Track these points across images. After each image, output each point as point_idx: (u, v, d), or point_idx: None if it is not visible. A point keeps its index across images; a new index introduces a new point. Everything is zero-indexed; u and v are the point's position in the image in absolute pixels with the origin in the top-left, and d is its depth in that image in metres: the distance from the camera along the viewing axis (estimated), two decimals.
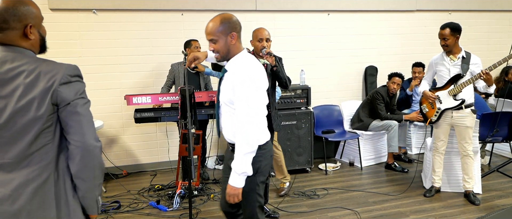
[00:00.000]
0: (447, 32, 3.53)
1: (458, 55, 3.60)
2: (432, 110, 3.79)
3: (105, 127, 4.67)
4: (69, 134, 1.43)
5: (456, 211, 3.52)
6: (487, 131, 4.20)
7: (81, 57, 4.57)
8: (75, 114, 1.43)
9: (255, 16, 5.08)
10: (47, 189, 1.42)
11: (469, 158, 3.69)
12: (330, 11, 5.39)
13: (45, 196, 1.42)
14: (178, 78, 4.44)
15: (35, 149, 1.41)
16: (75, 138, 1.43)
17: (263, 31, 3.18)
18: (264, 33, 3.16)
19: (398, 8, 5.62)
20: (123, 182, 4.54)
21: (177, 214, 3.58)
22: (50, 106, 1.39)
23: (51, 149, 1.44)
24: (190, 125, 2.99)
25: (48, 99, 1.38)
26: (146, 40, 4.77)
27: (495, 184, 4.16)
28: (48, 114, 1.39)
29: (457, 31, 3.55)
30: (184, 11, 4.84)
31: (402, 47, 5.80)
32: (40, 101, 1.37)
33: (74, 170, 1.46)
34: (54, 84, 1.39)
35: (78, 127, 1.43)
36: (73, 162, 1.45)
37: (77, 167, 1.45)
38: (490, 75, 3.41)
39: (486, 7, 6.00)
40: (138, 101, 3.82)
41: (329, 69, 5.50)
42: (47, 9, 4.39)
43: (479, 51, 4.28)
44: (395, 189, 4.10)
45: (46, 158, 1.43)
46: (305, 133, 4.61)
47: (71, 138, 1.43)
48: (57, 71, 1.42)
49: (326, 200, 3.84)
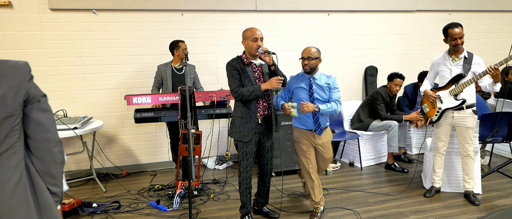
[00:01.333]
0: (462, 31, 3.53)
1: (460, 55, 3.60)
2: (433, 110, 3.79)
3: (105, 127, 4.68)
4: (38, 131, 1.40)
5: (456, 212, 3.51)
6: (487, 131, 4.20)
7: (81, 57, 4.57)
8: (45, 111, 1.42)
9: (255, 16, 5.08)
10: (22, 189, 1.39)
11: (469, 159, 3.69)
12: (330, 11, 5.39)
13: (22, 195, 1.39)
14: (165, 80, 4.45)
15: (4, 149, 1.36)
16: (46, 135, 1.41)
17: (256, 30, 3.07)
18: (258, 32, 3.06)
19: (398, 8, 5.62)
20: (123, 182, 4.54)
21: (177, 214, 3.58)
22: (21, 103, 1.36)
23: (19, 147, 1.40)
24: (190, 125, 2.99)
25: (19, 96, 1.35)
26: (146, 40, 4.77)
27: (495, 185, 4.16)
28: (18, 112, 1.36)
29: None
30: (184, 11, 4.84)
31: (402, 47, 5.80)
32: (12, 98, 1.34)
33: (43, 167, 1.44)
34: (24, 81, 1.36)
35: (48, 124, 1.42)
36: (43, 159, 1.43)
37: (46, 164, 1.43)
38: (499, 71, 3.37)
39: (486, 8, 6.00)
40: (138, 101, 3.83)
41: (329, 69, 5.45)
42: (47, 9, 4.39)
43: (479, 52, 4.27)
44: (395, 189, 4.10)
45: (16, 158, 1.39)
46: None
47: (40, 135, 1.40)
48: (20, 67, 1.38)
49: (326, 200, 3.84)
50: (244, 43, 3.10)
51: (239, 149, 3.15)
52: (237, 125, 3.11)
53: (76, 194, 4.17)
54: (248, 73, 3.07)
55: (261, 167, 3.32)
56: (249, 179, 3.19)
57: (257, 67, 3.13)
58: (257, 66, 3.13)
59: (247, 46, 3.09)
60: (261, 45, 3.04)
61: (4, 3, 4.24)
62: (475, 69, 3.53)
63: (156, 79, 4.53)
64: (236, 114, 3.15)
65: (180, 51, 4.37)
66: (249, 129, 3.08)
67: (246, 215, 3.28)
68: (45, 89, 1.51)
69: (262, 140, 3.21)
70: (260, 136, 3.18)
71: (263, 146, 3.23)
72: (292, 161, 4.62)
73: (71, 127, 3.82)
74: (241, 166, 3.16)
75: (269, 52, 2.99)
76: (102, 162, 4.75)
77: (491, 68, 3.34)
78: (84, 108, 4.65)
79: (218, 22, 4.97)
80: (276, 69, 3.09)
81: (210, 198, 3.95)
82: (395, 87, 4.82)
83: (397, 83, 4.80)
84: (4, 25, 4.30)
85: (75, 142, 4.69)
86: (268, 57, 3.00)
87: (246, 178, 3.17)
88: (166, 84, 4.45)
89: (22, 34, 4.36)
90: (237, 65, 3.06)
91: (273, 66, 3.07)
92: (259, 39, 3.03)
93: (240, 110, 3.11)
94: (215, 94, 3.91)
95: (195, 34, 4.89)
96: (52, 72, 4.47)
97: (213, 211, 3.64)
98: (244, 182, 3.18)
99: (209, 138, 4.61)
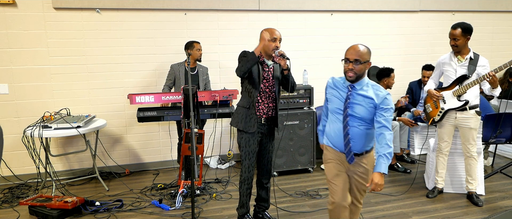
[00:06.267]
0: (458, 33, 3.51)
1: (466, 56, 3.58)
2: (436, 110, 3.78)
3: (108, 126, 4.69)
4: None
5: (458, 212, 3.51)
6: (491, 132, 4.19)
7: (84, 56, 4.58)
8: None
9: (258, 16, 5.09)
10: None
11: (472, 159, 3.68)
12: (333, 11, 5.39)
13: None
14: (179, 79, 4.46)
15: None
16: None
17: (276, 31, 3.01)
18: (277, 33, 3.00)
19: (401, 8, 5.61)
20: (125, 181, 4.55)
21: (179, 213, 3.58)
22: None
23: None
24: (193, 124, 2.99)
25: None
26: (149, 40, 4.77)
27: (498, 185, 4.14)
28: None
29: (468, 32, 3.53)
30: (187, 11, 4.85)
31: (405, 48, 5.78)
32: None
33: None
34: None
35: None
36: None
37: None
38: (496, 77, 3.38)
39: (490, 8, 5.98)
40: (141, 100, 3.83)
41: (332, 69, 5.49)
42: (51, 8, 4.40)
43: (483, 52, 4.26)
44: (398, 190, 4.09)
45: None
46: (307, 133, 4.61)
47: None
48: None
49: (328, 200, 3.84)
50: (262, 40, 3.04)
51: (241, 147, 3.12)
52: (243, 115, 3.06)
53: (79, 192, 4.19)
54: (259, 69, 3.02)
55: (261, 167, 3.28)
56: (251, 179, 3.18)
57: (268, 68, 3.10)
58: (268, 67, 3.10)
59: (264, 45, 3.02)
60: (279, 46, 3.01)
61: (8, 2, 4.26)
62: (480, 71, 3.52)
63: (169, 78, 4.53)
64: (242, 104, 3.10)
65: (194, 51, 4.39)
66: (254, 121, 3.04)
67: (245, 215, 3.28)
68: (48, 88, 1.52)
69: (264, 140, 3.20)
70: (262, 137, 3.17)
71: (264, 147, 3.22)
72: (295, 161, 4.62)
73: (75, 126, 3.84)
74: (243, 166, 3.14)
75: (285, 56, 2.95)
76: (105, 161, 4.76)
77: (489, 74, 3.34)
78: (87, 107, 4.67)
79: (221, 21, 4.98)
80: (289, 74, 3.06)
81: (212, 197, 3.96)
82: (393, 81, 4.77)
83: (393, 76, 4.76)
84: (8, 24, 4.32)
85: (78, 141, 4.71)
86: (283, 61, 2.96)
87: (248, 178, 3.16)
88: (178, 83, 4.46)
89: (26, 33, 4.38)
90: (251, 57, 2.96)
91: (286, 71, 3.03)
92: (277, 40, 3.00)
93: (246, 101, 3.06)
94: (218, 93, 3.91)
95: (198, 33, 4.89)
96: (55, 71, 4.49)
97: (215, 210, 3.65)
98: (245, 182, 3.17)
99: (211, 137, 4.61)
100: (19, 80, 4.40)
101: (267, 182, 3.32)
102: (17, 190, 4.26)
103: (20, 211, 3.66)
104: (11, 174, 4.52)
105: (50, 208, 3.47)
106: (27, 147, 3.93)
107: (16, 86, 4.41)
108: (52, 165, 4.20)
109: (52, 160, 4.41)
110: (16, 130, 4.47)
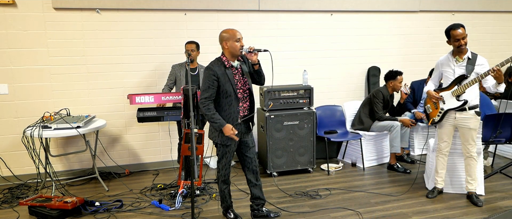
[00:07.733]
0: (464, 31, 3.51)
1: (464, 56, 3.58)
2: (435, 111, 3.78)
3: (108, 126, 4.69)
4: None
5: (458, 213, 3.51)
6: (490, 132, 4.19)
7: (84, 56, 4.58)
8: None
9: (258, 16, 5.09)
10: None
11: (472, 160, 3.68)
12: (333, 12, 5.39)
13: None
14: (179, 79, 4.47)
15: None
16: None
17: (236, 30, 3.00)
18: (238, 32, 2.99)
19: (401, 8, 5.61)
20: (125, 181, 4.55)
21: (179, 213, 3.58)
22: None
23: None
24: (193, 124, 2.99)
25: None
26: (149, 40, 4.77)
27: (498, 186, 4.14)
28: None
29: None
30: (187, 11, 4.85)
31: (405, 48, 5.79)
32: None
33: None
34: None
35: None
36: None
37: None
38: (501, 71, 3.36)
39: (490, 8, 5.98)
40: (141, 101, 3.84)
41: (332, 70, 5.49)
42: (51, 8, 4.41)
43: (482, 52, 4.25)
44: (398, 190, 4.09)
45: None
46: (307, 133, 4.61)
47: None
48: None
49: (328, 200, 3.84)
50: (225, 44, 2.99)
51: (218, 149, 3.15)
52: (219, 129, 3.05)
53: (78, 192, 4.19)
54: (229, 76, 2.99)
55: (247, 165, 3.26)
56: (228, 175, 3.23)
57: (237, 70, 3.08)
58: (236, 68, 3.08)
59: (230, 47, 2.97)
60: (244, 44, 3.00)
61: (8, 2, 4.26)
62: (478, 70, 3.52)
63: (170, 78, 4.54)
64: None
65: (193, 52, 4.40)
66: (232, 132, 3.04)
67: (228, 209, 3.34)
68: (48, 88, 1.52)
69: (243, 138, 3.19)
70: (240, 135, 3.14)
71: (244, 143, 3.20)
72: (294, 161, 4.62)
73: (74, 126, 3.84)
74: (220, 164, 3.17)
75: (259, 50, 2.96)
76: (104, 161, 4.76)
77: (493, 69, 3.34)
78: (87, 107, 4.67)
79: (221, 21, 4.98)
80: (259, 69, 3.09)
81: (212, 197, 3.96)
82: (400, 84, 4.83)
83: (401, 80, 4.82)
84: (8, 24, 4.32)
85: (78, 141, 4.70)
86: (255, 56, 2.98)
87: (225, 175, 3.20)
88: (179, 84, 4.47)
89: (26, 33, 4.38)
90: (218, 71, 2.96)
91: (257, 65, 3.04)
92: (241, 39, 2.99)
93: (222, 115, 3.03)
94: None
95: (198, 33, 4.89)
96: (55, 71, 4.49)
97: (215, 210, 3.65)
98: (222, 178, 3.21)
99: None
100: (19, 80, 4.40)
101: (257, 180, 3.31)
102: (17, 190, 4.26)
103: (20, 212, 3.66)
104: (11, 175, 4.52)
105: (50, 208, 3.47)
106: (27, 147, 3.93)
107: (16, 86, 4.41)
108: (52, 165, 4.20)
109: (52, 160, 4.41)
110: (16, 130, 4.47)
